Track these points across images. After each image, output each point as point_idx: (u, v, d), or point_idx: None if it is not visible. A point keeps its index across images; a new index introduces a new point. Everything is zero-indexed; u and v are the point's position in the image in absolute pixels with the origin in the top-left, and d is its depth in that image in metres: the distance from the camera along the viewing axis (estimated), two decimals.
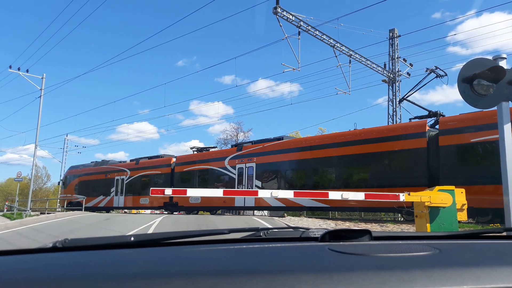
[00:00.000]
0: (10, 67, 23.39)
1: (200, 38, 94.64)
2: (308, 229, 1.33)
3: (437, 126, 13.49)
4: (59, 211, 20.34)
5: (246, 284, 0.68)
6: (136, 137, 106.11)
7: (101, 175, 26.36)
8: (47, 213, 20.74)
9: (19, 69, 23.35)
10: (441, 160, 12.63)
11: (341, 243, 1.04)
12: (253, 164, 18.27)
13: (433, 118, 14.24)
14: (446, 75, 15.60)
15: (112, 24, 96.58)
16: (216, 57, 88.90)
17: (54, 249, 1.06)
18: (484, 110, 7.08)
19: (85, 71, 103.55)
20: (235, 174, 19.02)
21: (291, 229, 1.40)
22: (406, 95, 16.00)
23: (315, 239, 1.16)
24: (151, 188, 5.52)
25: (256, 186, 17.83)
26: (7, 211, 25.30)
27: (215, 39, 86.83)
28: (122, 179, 24.70)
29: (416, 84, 15.70)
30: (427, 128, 13.41)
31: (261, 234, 1.30)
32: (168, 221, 14.35)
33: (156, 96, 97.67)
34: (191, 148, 24.03)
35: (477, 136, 11.69)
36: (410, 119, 14.95)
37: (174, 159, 22.95)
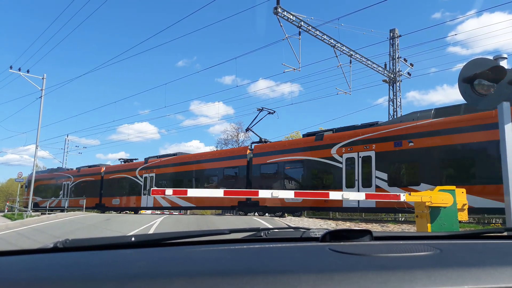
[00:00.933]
0: (11, 67, 23.45)
1: (201, 38, 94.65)
2: (308, 229, 1.33)
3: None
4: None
5: (247, 284, 0.68)
6: (137, 137, 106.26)
7: (53, 180, 31.66)
8: (48, 214, 20.78)
9: (19, 69, 23.40)
10: (253, 173, 18.73)
11: (341, 243, 1.04)
12: (153, 174, 23.75)
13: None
14: (275, 112, 21.13)
15: (113, 24, 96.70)
16: (217, 57, 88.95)
17: (55, 249, 1.06)
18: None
19: (86, 71, 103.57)
20: (142, 182, 24.16)
21: (291, 229, 1.40)
22: (250, 126, 21.43)
23: (315, 239, 1.16)
24: (152, 189, 5.58)
25: None
26: (8, 211, 25.32)
27: (216, 39, 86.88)
28: (68, 184, 29.79)
29: (253, 119, 21.52)
30: (248, 151, 19.49)
31: (262, 234, 1.30)
32: (169, 222, 14.36)
33: (156, 97, 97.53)
34: (119, 159, 29.52)
35: (270, 159, 18.00)
36: (251, 143, 20.52)
37: (104, 168, 27.86)
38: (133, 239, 1.13)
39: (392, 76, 23.39)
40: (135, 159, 27.18)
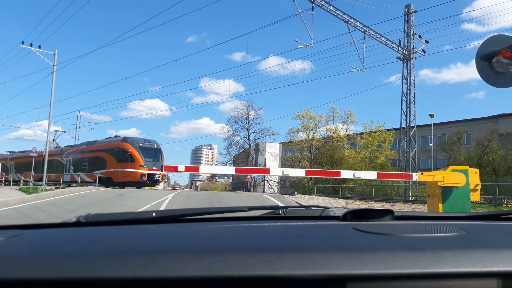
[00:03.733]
0: (23, 42, 23.38)
1: (210, 14, 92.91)
2: (327, 208, 1.32)
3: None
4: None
5: (275, 262, 0.68)
6: (148, 114, 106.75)
7: None
8: (62, 188, 21.21)
9: (31, 44, 23.33)
10: (65, 163, 33.73)
11: (363, 222, 1.04)
12: (13, 162, 39.12)
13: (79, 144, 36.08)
14: (65, 131, 38.91)
15: (123, 0, 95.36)
16: (227, 33, 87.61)
17: (77, 223, 1.08)
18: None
19: (96, 47, 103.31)
20: (8, 167, 39.15)
21: (311, 208, 1.39)
22: (70, 148, 36.21)
23: (336, 218, 1.15)
24: (164, 165, 5.81)
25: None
26: (23, 185, 25.92)
27: (226, 15, 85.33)
28: None
29: (50, 136, 36.44)
30: (65, 151, 34.81)
31: (280, 212, 1.30)
32: (180, 198, 14.57)
33: (167, 73, 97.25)
34: (6, 151, 44.74)
35: (68, 156, 33.90)
36: (67, 146, 37.70)
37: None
38: (154, 214, 1.14)
39: (406, 53, 22.92)
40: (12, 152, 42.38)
